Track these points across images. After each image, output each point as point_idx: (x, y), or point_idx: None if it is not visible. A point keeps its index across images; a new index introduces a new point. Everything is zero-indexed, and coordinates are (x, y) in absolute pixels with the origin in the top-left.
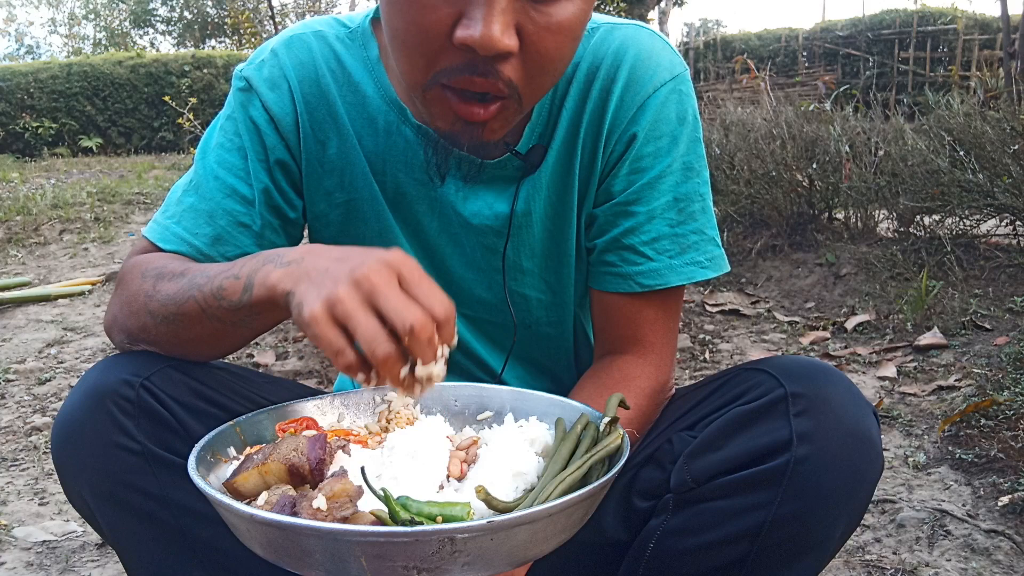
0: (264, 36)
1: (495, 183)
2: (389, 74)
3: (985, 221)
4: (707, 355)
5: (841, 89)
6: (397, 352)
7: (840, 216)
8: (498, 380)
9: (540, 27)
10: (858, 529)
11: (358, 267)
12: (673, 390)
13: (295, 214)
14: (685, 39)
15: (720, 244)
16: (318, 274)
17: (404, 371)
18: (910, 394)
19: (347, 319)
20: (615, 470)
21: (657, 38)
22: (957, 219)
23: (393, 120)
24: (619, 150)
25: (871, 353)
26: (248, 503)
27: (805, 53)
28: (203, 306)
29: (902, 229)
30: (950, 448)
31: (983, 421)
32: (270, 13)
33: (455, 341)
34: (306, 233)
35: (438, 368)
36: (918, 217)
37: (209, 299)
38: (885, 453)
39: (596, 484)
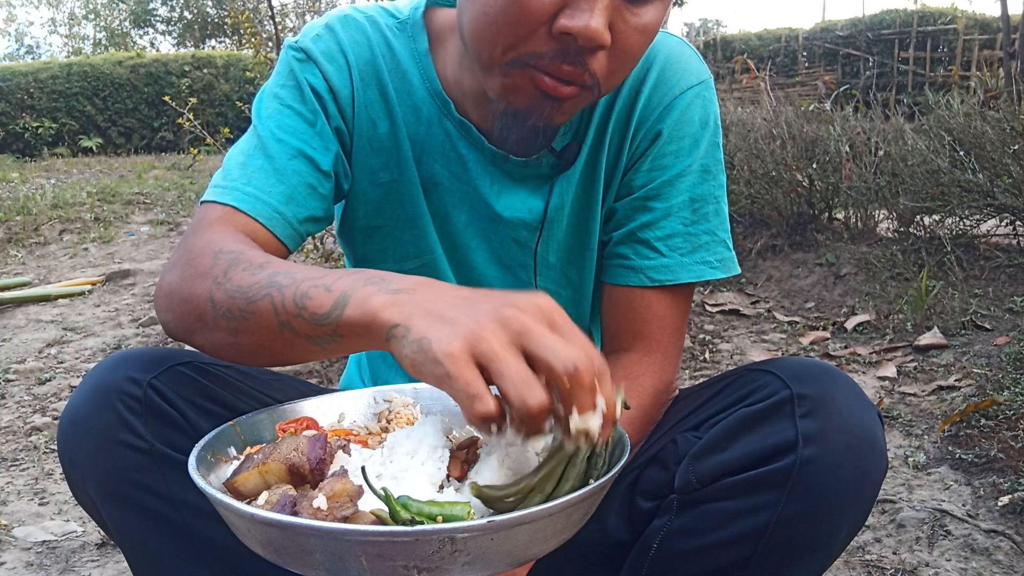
0: (264, 36)
1: (529, 180)
2: (437, 67)
3: (985, 221)
4: (707, 355)
5: (841, 89)
6: (551, 401)
7: (840, 216)
8: None
9: (630, 26)
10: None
11: (504, 306)
12: (677, 390)
13: (348, 185)
14: (685, 39)
15: (731, 247)
16: (444, 311)
17: (549, 424)
18: (910, 394)
19: (492, 360)
20: (615, 470)
21: (686, 45)
22: (957, 219)
23: (435, 113)
24: (644, 146)
25: (871, 353)
26: (248, 503)
27: (805, 53)
28: (278, 309)
29: (902, 229)
30: (950, 448)
31: (983, 421)
32: (270, 13)
33: (616, 399)
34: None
35: (596, 420)
36: (918, 217)
37: (288, 303)
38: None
39: (596, 484)
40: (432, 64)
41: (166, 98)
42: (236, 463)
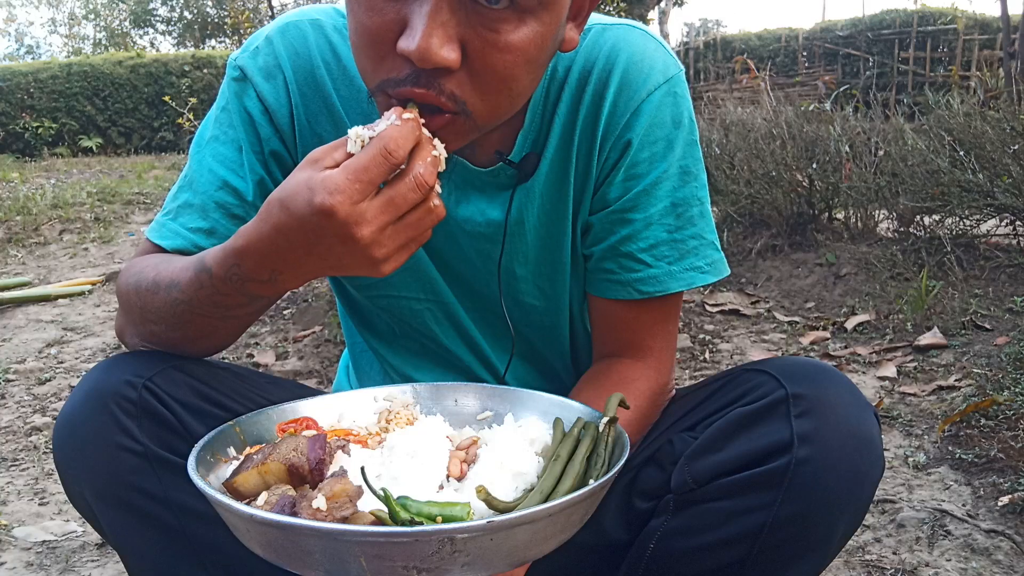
0: None
1: (488, 190)
2: None
3: (985, 221)
4: (707, 355)
5: (841, 89)
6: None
7: (840, 216)
8: (500, 380)
9: (487, 44)
10: (858, 529)
11: (363, 249)
12: (673, 391)
13: None
14: (685, 39)
15: (719, 248)
16: (315, 271)
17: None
18: (910, 394)
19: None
20: (615, 470)
21: (650, 38)
22: (957, 219)
23: None
24: (614, 157)
25: (871, 353)
26: (248, 503)
27: (805, 53)
28: (204, 315)
29: (902, 229)
30: (950, 448)
31: (983, 421)
32: (270, 13)
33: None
34: None
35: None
36: (918, 217)
37: (207, 307)
38: (885, 453)
39: (596, 484)
40: None
41: (166, 98)
42: (235, 463)
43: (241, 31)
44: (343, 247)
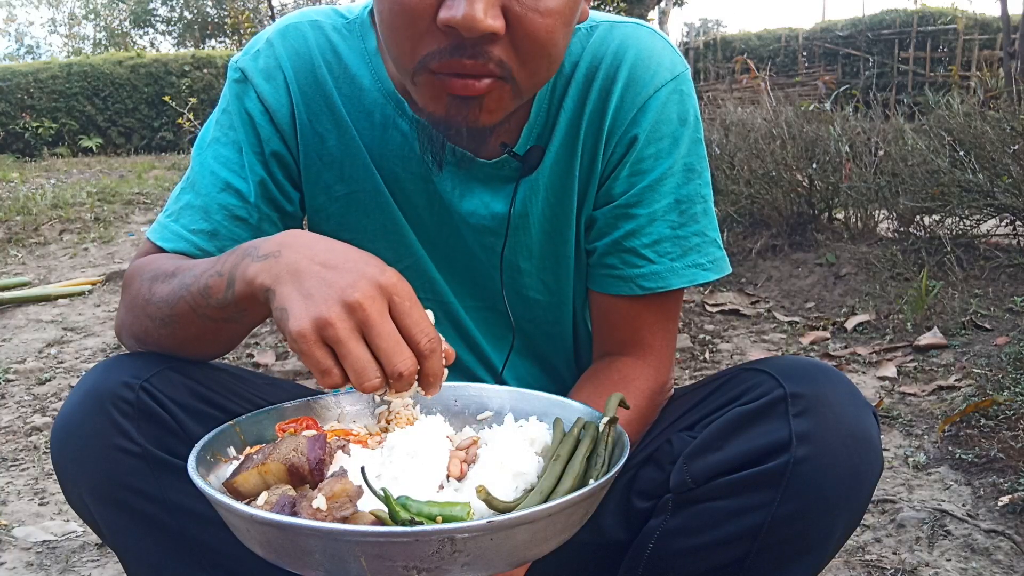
0: None
1: (491, 182)
2: (387, 66)
3: (985, 221)
4: (707, 355)
5: (841, 89)
6: (382, 383)
7: (840, 216)
8: (498, 376)
9: (527, 8)
10: (858, 529)
11: (350, 291)
12: (672, 391)
13: (292, 207)
14: (685, 39)
15: (722, 246)
16: (302, 280)
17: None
18: (910, 394)
19: (337, 344)
20: (615, 470)
21: (657, 37)
22: (957, 219)
23: (390, 114)
24: (619, 152)
25: (871, 353)
26: (248, 503)
27: (805, 53)
28: (193, 306)
29: (902, 229)
30: (950, 448)
31: (983, 421)
32: (270, 13)
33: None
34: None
35: (409, 398)
36: (918, 217)
37: (197, 299)
38: (885, 453)
39: (596, 484)
40: (383, 63)
41: (166, 98)
42: (235, 463)
43: (241, 31)
44: (333, 275)
